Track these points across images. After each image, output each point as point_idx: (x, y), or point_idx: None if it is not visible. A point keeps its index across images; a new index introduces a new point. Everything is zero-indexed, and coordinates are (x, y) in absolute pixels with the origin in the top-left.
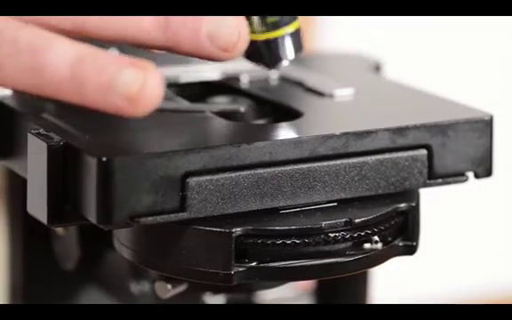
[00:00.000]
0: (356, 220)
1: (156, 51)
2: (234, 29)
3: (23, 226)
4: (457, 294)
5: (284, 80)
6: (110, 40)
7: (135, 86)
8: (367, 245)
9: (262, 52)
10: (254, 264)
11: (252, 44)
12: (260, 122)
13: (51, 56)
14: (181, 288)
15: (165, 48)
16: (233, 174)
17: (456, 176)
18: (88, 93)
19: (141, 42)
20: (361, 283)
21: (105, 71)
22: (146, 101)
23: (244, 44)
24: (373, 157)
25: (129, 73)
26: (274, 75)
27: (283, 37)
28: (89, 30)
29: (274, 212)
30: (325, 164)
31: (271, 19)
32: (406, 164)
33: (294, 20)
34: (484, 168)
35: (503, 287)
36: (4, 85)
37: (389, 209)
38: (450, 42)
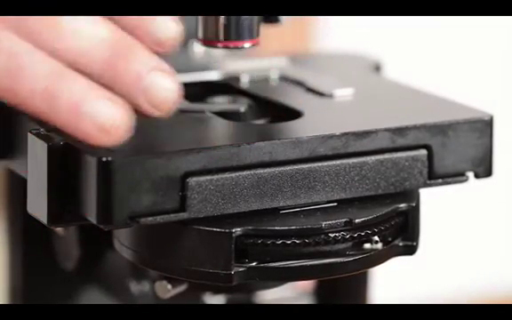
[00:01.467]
0: (356, 220)
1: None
2: (169, 92)
3: (23, 226)
4: (457, 294)
5: (284, 80)
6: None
7: (108, 117)
8: (367, 245)
9: None
10: (254, 264)
11: None
12: (260, 122)
13: (29, 61)
14: (181, 288)
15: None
16: (233, 174)
17: (456, 176)
18: (59, 111)
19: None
20: (361, 283)
21: (79, 93)
22: (117, 134)
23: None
24: (373, 157)
25: (103, 103)
26: (274, 75)
27: None
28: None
29: (274, 212)
30: (325, 164)
31: None
32: (406, 164)
33: None
34: (484, 168)
35: (503, 287)
36: None
37: (389, 209)
38: (450, 42)
